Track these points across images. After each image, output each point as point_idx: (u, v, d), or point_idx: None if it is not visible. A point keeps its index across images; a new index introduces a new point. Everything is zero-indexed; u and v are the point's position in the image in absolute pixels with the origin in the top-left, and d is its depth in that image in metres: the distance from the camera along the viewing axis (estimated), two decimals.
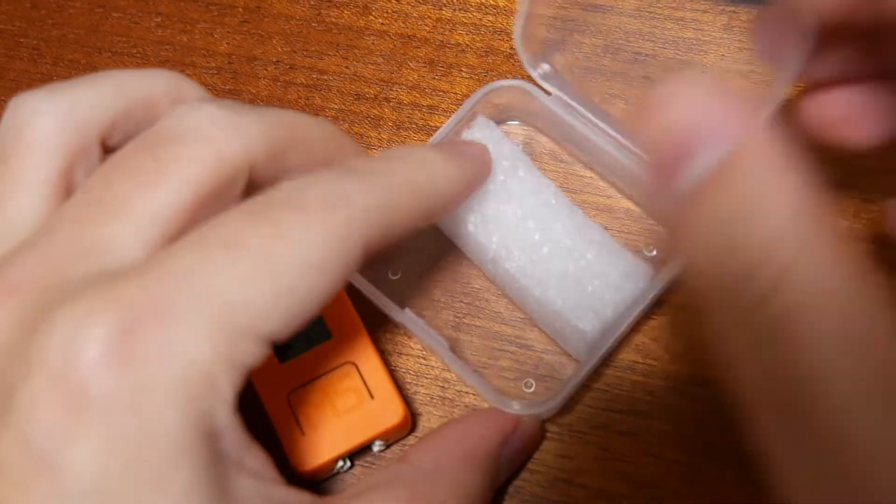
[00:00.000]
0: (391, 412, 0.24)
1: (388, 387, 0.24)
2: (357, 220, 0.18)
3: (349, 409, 0.23)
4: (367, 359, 0.24)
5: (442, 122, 0.29)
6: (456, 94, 0.30)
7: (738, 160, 0.14)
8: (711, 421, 0.25)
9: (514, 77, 0.27)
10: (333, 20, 0.31)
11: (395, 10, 0.31)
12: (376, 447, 0.24)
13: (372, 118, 0.30)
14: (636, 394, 0.25)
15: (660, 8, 0.30)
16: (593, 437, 0.25)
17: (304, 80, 0.30)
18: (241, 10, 0.32)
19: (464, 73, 0.30)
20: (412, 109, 0.30)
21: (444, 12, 0.31)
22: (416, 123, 0.29)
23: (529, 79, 0.27)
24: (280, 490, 0.18)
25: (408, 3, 0.31)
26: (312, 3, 0.32)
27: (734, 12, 0.30)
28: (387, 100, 0.30)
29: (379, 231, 0.18)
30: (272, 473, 0.18)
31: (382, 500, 0.19)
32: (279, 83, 0.30)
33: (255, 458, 0.18)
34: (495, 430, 0.23)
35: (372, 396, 0.24)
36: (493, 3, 0.31)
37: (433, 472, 0.21)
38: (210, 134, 0.18)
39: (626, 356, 0.26)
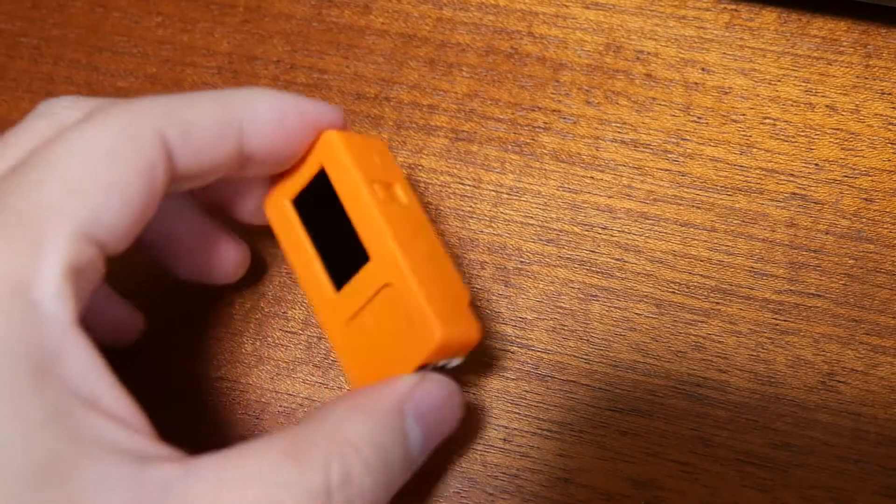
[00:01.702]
0: (427, 335, 0.21)
1: (422, 307, 0.22)
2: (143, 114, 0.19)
3: (398, 333, 0.22)
4: (403, 279, 0.22)
5: (442, 122, 0.29)
6: (456, 93, 0.30)
7: None
8: (712, 421, 0.25)
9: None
10: (334, 19, 0.31)
11: (395, 9, 0.31)
12: (453, 363, 0.23)
13: (372, 117, 0.30)
14: (637, 393, 0.25)
15: (662, 6, 0.30)
16: (594, 436, 0.25)
17: (304, 80, 0.30)
18: (241, 9, 0.32)
19: (464, 73, 0.30)
20: (412, 109, 0.30)
21: (444, 12, 0.31)
22: (416, 123, 0.29)
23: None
24: (142, 441, 0.17)
25: (408, 3, 0.31)
26: (313, 2, 0.32)
27: (736, 10, 0.30)
28: (387, 99, 0.30)
29: (178, 127, 0.19)
30: (139, 423, 0.17)
31: (257, 451, 0.18)
32: (280, 82, 0.30)
33: (118, 402, 0.17)
34: (389, 385, 0.20)
35: (413, 319, 0.22)
36: (493, 2, 0.31)
37: (315, 421, 0.19)
38: None
39: (628, 355, 0.26)
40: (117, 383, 0.17)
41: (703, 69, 0.29)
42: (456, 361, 0.23)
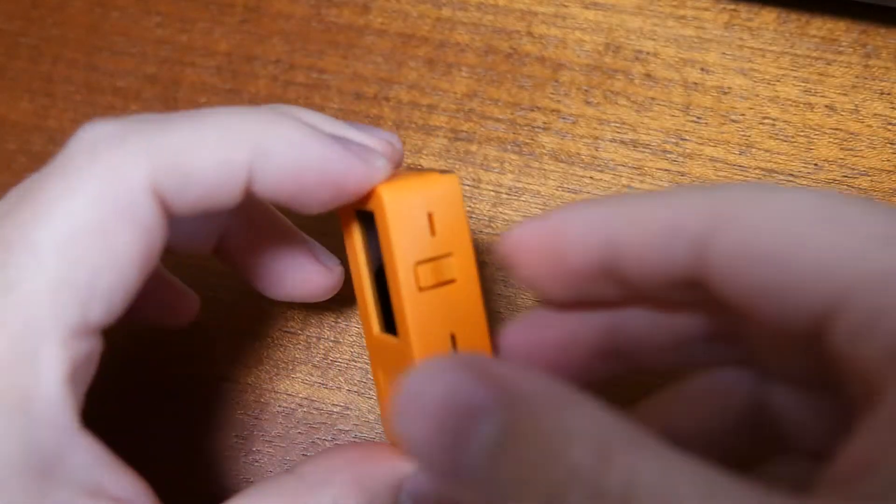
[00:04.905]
0: None
1: None
2: (129, 163, 0.17)
3: None
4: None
5: (441, 122, 0.29)
6: (455, 93, 0.30)
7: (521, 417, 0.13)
8: None
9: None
10: (333, 19, 0.31)
11: (394, 9, 0.31)
12: None
13: (371, 117, 0.30)
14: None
15: (661, 6, 0.30)
16: None
17: (303, 80, 0.30)
18: (240, 8, 0.32)
19: (463, 73, 0.30)
20: (411, 108, 0.30)
21: (443, 11, 0.31)
22: (415, 122, 0.29)
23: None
24: None
25: (407, 3, 0.31)
26: (312, 2, 0.32)
27: (735, 10, 0.30)
28: (386, 99, 0.30)
29: (175, 178, 0.17)
30: (141, 498, 0.17)
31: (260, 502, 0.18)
32: (279, 82, 0.30)
33: (121, 485, 0.17)
34: (393, 466, 0.20)
35: None
36: (492, 2, 0.31)
37: (317, 484, 0.19)
38: None
39: None
40: (121, 468, 0.18)
41: (702, 69, 0.29)
42: None
